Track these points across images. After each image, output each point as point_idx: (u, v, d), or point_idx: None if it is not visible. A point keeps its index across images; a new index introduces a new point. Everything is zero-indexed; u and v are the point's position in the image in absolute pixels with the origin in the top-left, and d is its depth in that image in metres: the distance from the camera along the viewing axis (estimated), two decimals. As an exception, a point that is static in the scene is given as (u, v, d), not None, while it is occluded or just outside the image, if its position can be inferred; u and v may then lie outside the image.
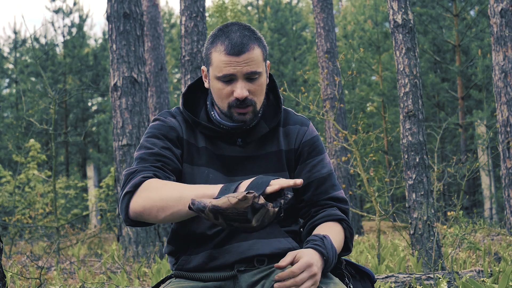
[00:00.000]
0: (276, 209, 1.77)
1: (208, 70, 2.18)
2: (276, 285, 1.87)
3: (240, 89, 2.08)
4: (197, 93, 2.33)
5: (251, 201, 1.69)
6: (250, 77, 2.10)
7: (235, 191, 1.79)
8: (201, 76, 2.31)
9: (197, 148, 2.23)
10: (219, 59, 2.09)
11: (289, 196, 1.81)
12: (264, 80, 2.16)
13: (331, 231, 2.14)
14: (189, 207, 1.75)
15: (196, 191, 1.88)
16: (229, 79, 2.10)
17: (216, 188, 1.85)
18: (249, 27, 2.14)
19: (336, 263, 2.18)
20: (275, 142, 2.27)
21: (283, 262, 1.88)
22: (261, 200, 1.72)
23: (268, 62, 2.23)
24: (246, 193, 1.68)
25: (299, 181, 1.78)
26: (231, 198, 1.69)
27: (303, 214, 2.30)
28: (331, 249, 2.01)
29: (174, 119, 2.25)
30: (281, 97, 2.30)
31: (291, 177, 2.27)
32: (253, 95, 2.13)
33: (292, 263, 1.89)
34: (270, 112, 2.28)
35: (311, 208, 2.27)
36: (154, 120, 2.27)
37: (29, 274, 6.11)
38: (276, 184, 1.76)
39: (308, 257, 1.90)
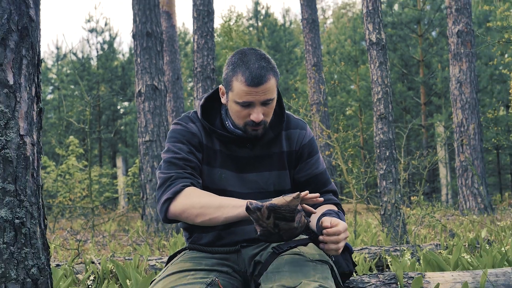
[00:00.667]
0: (306, 220, 1.81)
1: (227, 93, 2.12)
2: (321, 237, 1.92)
3: (257, 114, 2.06)
4: (213, 103, 2.29)
5: (300, 200, 1.71)
6: (266, 103, 2.07)
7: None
8: (216, 89, 2.27)
9: (214, 151, 2.20)
10: (240, 88, 2.03)
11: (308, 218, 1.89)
12: (275, 103, 2.13)
13: (333, 209, 2.20)
14: (247, 208, 1.74)
15: (232, 202, 1.90)
16: (247, 105, 2.06)
17: (237, 209, 1.87)
18: (264, 57, 2.08)
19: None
20: (278, 145, 2.25)
21: (327, 223, 1.92)
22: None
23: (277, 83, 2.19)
24: (298, 193, 1.71)
25: (320, 198, 1.87)
26: (286, 197, 1.71)
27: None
28: (343, 220, 2.08)
29: (194, 124, 2.21)
30: (284, 106, 2.28)
31: (291, 174, 2.28)
32: (265, 116, 2.10)
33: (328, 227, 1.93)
34: (276, 120, 2.25)
35: None
36: (176, 124, 2.23)
37: (69, 246, 6.11)
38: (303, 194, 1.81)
39: (342, 222, 1.94)
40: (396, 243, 5.16)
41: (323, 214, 2.08)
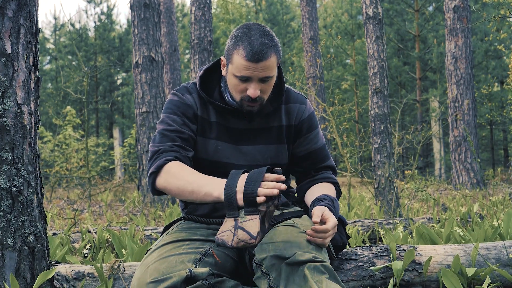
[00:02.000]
0: (275, 207, 1.79)
1: (227, 65, 2.08)
2: (308, 231, 1.91)
3: (254, 90, 2.02)
4: (212, 75, 2.25)
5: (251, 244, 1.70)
6: (264, 80, 2.03)
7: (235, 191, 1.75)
8: (217, 60, 2.23)
9: (209, 123, 2.18)
10: (240, 62, 1.99)
11: (281, 198, 1.92)
12: (274, 81, 2.09)
13: (328, 191, 2.19)
14: (217, 244, 1.73)
15: (205, 189, 1.85)
16: (245, 80, 2.02)
17: (219, 190, 1.81)
18: (269, 34, 2.02)
19: None
20: (277, 118, 2.22)
21: (317, 218, 1.91)
22: (262, 208, 1.74)
23: (279, 60, 2.13)
24: (252, 242, 1.68)
25: (283, 186, 1.76)
26: (245, 244, 1.69)
27: (301, 174, 2.32)
28: (337, 209, 2.06)
29: (190, 96, 2.19)
30: (284, 80, 2.24)
31: (289, 148, 2.26)
32: (263, 93, 2.06)
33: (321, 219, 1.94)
34: (275, 94, 2.21)
35: (310, 172, 2.30)
36: (173, 94, 2.20)
37: (65, 215, 6.13)
38: (262, 195, 1.72)
39: (332, 218, 1.94)
40: (389, 216, 5.19)
41: (319, 199, 2.06)
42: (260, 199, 1.71)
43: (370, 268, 2.32)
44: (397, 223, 3.98)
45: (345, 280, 2.28)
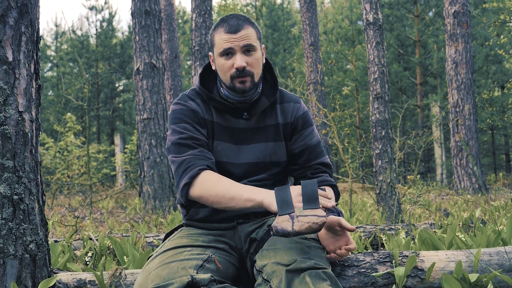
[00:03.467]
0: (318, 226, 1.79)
1: (213, 52, 2.17)
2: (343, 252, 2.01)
3: (239, 60, 2.08)
4: (211, 75, 2.31)
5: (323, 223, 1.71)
6: (247, 49, 2.09)
7: (290, 204, 1.76)
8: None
9: (211, 123, 2.21)
10: (220, 38, 2.10)
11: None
12: (259, 55, 2.15)
13: (330, 193, 2.21)
14: (275, 233, 1.73)
15: (246, 195, 1.89)
16: (228, 53, 2.09)
17: (262, 195, 1.86)
18: (244, 15, 2.16)
19: None
20: (273, 117, 2.26)
21: (350, 227, 1.97)
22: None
23: (263, 45, 2.23)
24: (322, 219, 1.70)
25: (330, 204, 1.80)
26: (312, 225, 1.69)
27: (298, 175, 2.31)
28: (336, 209, 2.11)
29: (193, 102, 2.21)
30: (277, 76, 2.30)
31: (287, 146, 2.28)
32: (250, 66, 2.11)
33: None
34: (269, 89, 2.28)
35: (306, 171, 2.28)
36: (176, 104, 2.22)
37: (67, 222, 6.12)
38: (330, 204, 1.79)
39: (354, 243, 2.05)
40: (391, 222, 5.18)
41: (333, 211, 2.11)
42: (326, 202, 1.78)
43: (372, 274, 2.31)
44: (399, 229, 3.97)
45: (347, 287, 2.27)
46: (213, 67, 2.22)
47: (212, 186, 1.98)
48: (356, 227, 4.14)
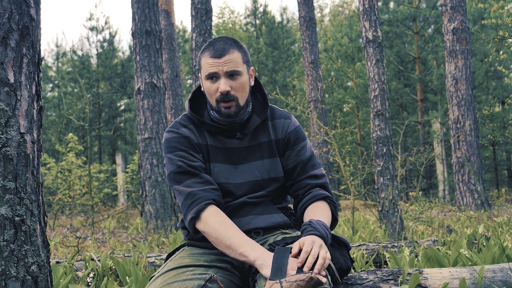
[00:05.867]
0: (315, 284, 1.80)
1: (201, 74, 2.20)
2: (304, 268, 1.83)
3: (223, 85, 2.11)
4: (201, 99, 2.34)
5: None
6: (231, 74, 2.12)
7: (285, 271, 1.78)
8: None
9: (206, 147, 2.23)
10: (206, 62, 2.13)
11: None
12: (245, 80, 2.17)
13: (319, 211, 2.15)
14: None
15: (242, 249, 1.91)
16: (213, 77, 2.13)
17: (255, 254, 1.87)
18: (232, 38, 2.19)
19: None
20: (266, 134, 2.28)
21: (294, 250, 1.87)
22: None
23: (252, 67, 2.25)
24: (307, 275, 1.71)
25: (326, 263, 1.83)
26: (300, 282, 1.70)
27: (292, 193, 2.31)
28: (321, 227, 1.99)
29: (186, 128, 2.24)
30: (267, 94, 2.33)
31: (281, 162, 2.29)
32: (235, 91, 2.14)
33: (300, 249, 1.88)
34: (260, 107, 2.30)
35: (298, 189, 2.27)
36: (169, 132, 2.24)
37: (69, 243, 6.10)
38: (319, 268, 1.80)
39: (309, 238, 1.89)
40: (394, 239, 5.15)
41: (301, 232, 2.04)
42: (322, 277, 1.77)
43: (376, 292, 2.29)
44: (402, 246, 3.95)
45: (351, 305, 2.25)
46: (203, 89, 2.25)
47: (215, 228, 2.01)
48: (359, 245, 4.12)
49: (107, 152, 25.60)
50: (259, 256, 1.86)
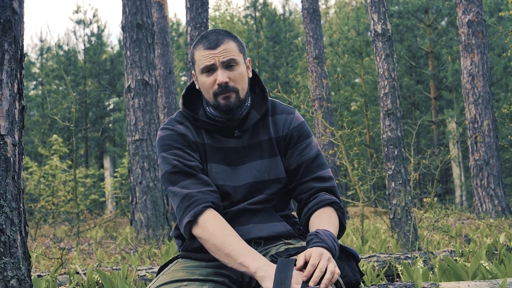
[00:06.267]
0: None
1: (195, 70, 2.21)
2: (310, 283, 1.81)
3: (221, 76, 2.11)
4: (195, 94, 2.33)
5: None
6: (228, 64, 2.12)
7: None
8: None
9: (203, 145, 2.22)
10: (200, 55, 2.14)
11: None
12: (243, 70, 2.17)
13: (326, 218, 2.11)
14: None
15: (242, 259, 1.90)
16: (209, 69, 2.13)
17: (256, 265, 1.87)
18: (225, 30, 2.21)
19: None
20: (266, 131, 2.26)
21: (299, 263, 1.85)
22: None
23: (248, 58, 2.25)
24: None
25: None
26: None
27: (295, 196, 2.27)
28: (328, 238, 1.96)
29: (181, 125, 2.23)
30: (266, 87, 2.31)
31: (283, 161, 2.26)
32: (234, 82, 2.13)
33: (306, 261, 1.85)
34: (258, 101, 2.29)
35: (302, 192, 2.23)
36: (163, 129, 2.24)
37: (52, 254, 6.08)
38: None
39: (316, 250, 1.87)
40: (407, 250, 5.14)
41: (307, 243, 2.02)
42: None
43: (389, 309, 2.28)
44: (416, 257, 3.93)
45: (361, 323, 2.23)
46: (197, 86, 2.25)
47: (214, 233, 1.99)
48: (369, 256, 4.11)
49: (94, 155, 25.61)
50: (261, 267, 1.84)
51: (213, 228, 2.00)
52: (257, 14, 27.61)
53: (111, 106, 25.26)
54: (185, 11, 8.57)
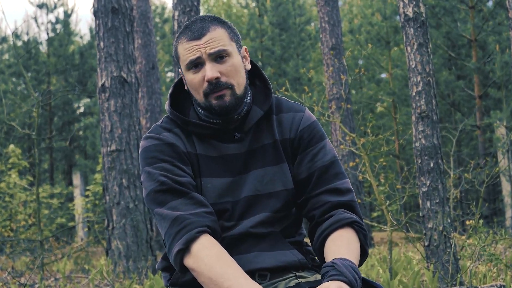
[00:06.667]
0: None
1: (180, 68, 2.22)
2: None
3: (209, 70, 2.10)
4: (183, 94, 2.32)
5: None
6: (218, 56, 2.12)
7: None
8: None
9: (196, 156, 2.22)
10: (183, 48, 2.16)
11: None
12: (237, 61, 2.17)
13: (345, 243, 2.09)
14: None
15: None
16: (196, 64, 2.13)
17: None
18: (212, 16, 2.22)
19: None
20: (270, 133, 2.25)
21: None
22: None
23: (245, 47, 2.25)
24: None
25: None
26: None
27: (306, 213, 2.25)
28: (348, 269, 1.94)
29: (169, 133, 2.22)
30: (268, 79, 2.30)
31: (291, 169, 2.25)
32: (226, 76, 2.13)
33: None
34: (261, 96, 2.28)
35: (314, 208, 2.21)
36: (147, 138, 2.23)
37: (10, 292, 6.08)
38: None
39: (334, 285, 1.85)
40: (446, 285, 5.13)
41: (322, 276, 2.00)
42: None
43: None
44: (458, 294, 3.93)
45: None
46: (186, 87, 2.25)
47: (209, 264, 1.99)
48: (399, 293, 4.11)
49: (61, 170, 25.65)
50: None
51: (209, 258, 1.99)
52: (260, -5, 27.69)
53: (81, 110, 25.30)
54: (171, -7, 8.61)
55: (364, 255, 2.18)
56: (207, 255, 2.00)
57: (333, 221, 2.15)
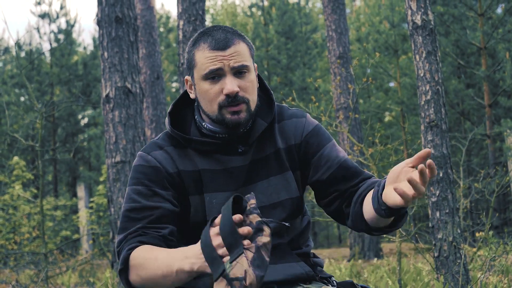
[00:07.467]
0: (269, 235, 1.80)
1: (192, 75, 2.20)
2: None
3: (230, 84, 2.09)
4: (185, 110, 2.32)
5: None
6: (239, 71, 2.12)
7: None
8: (185, 91, 2.31)
9: (197, 173, 2.21)
10: (203, 56, 2.13)
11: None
12: (254, 77, 2.18)
13: None
14: None
15: (175, 266, 1.89)
16: (215, 75, 2.11)
17: (190, 260, 1.85)
18: (232, 28, 2.20)
19: None
20: (272, 142, 2.26)
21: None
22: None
23: (255, 64, 2.26)
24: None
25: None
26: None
27: (336, 208, 2.26)
28: None
29: (159, 151, 2.22)
30: (270, 89, 2.31)
31: (296, 177, 2.27)
32: (244, 92, 2.13)
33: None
34: (263, 106, 2.29)
35: (351, 195, 2.21)
36: (138, 157, 2.25)
37: (14, 305, 6.09)
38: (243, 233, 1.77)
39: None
40: (455, 296, 5.12)
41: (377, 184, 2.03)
42: (243, 230, 1.75)
43: None
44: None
45: None
46: (192, 96, 2.25)
47: (143, 268, 2.01)
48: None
49: (65, 182, 25.66)
50: (195, 257, 1.85)
51: (141, 262, 2.02)
52: (265, 3, 27.73)
53: (85, 121, 25.34)
54: (175, 1, 8.64)
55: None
56: (139, 260, 2.02)
57: (367, 185, 2.17)
